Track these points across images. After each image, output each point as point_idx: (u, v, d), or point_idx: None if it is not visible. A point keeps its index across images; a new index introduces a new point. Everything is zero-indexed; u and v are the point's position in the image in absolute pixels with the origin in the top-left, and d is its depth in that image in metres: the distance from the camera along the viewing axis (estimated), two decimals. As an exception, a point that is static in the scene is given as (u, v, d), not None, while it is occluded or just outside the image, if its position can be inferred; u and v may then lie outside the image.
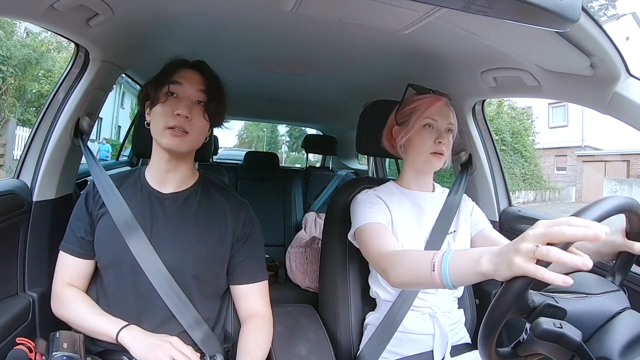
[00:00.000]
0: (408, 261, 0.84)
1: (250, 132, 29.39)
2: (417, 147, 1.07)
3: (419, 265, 0.78)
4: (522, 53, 1.01)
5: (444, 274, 0.71)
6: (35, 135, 1.13)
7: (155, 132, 0.97)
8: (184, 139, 0.95)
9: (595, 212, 0.61)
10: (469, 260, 0.67)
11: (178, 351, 0.89)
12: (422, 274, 0.76)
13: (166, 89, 0.96)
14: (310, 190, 2.67)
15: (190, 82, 0.97)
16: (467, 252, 0.71)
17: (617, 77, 0.90)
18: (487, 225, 1.17)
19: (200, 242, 0.99)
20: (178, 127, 0.94)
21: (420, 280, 0.79)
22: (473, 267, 0.66)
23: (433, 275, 0.73)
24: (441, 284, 0.73)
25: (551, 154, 16.24)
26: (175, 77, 0.97)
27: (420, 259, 0.79)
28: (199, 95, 0.97)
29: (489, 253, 0.64)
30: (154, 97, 0.97)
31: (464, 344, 1.14)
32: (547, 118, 16.78)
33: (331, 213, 1.27)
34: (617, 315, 0.66)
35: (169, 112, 0.94)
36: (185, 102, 0.95)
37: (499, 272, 0.60)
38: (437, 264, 0.73)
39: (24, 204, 1.07)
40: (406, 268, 0.83)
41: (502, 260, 0.60)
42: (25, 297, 1.06)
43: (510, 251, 0.58)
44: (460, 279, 0.71)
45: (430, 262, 0.74)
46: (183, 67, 1.00)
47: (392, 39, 1.09)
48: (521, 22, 0.66)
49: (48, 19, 0.88)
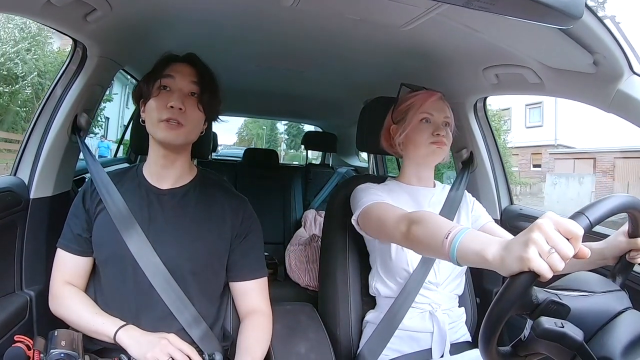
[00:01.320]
0: (431, 220, 0.81)
1: (250, 130, 29.51)
2: (415, 141, 1.07)
3: (438, 228, 0.76)
4: (524, 50, 1.01)
5: (453, 246, 0.70)
6: (32, 132, 1.12)
7: (150, 126, 0.96)
8: (179, 131, 0.94)
9: (599, 211, 0.61)
10: (480, 243, 0.66)
11: (175, 348, 0.89)
12: (436, 237, 0.74)
13: (158, 83, 0.96)
14: (310, 188, 2.66)
15: (182, 74, 0.97)
16: (480, 235, 0.69)
17: (620, 75, 0.90)
18: (489, 220, 1.17)
19: (199, 239, 0.99)
20: (172, 119, 0.93)
21: (432, 243, 0.77)
22: (480, 251, 0.64)
23: (444, 242, 0.72)
24: (447, 255, 0.71)
25: (528, 152, 17.20)
26: (166, 71, 0.97)
27: (441, 223, 0.77)
28: (191, 87, 0.97)
29: (499, 244, 0.62)
30: (147, 92, 0.97)
31: (464, 342, 1.14)
32: (524, 118, 17.70)
33: (331, 210, 1.26)
34: (619, 315, 0.66)
35: (162, 105, 0.94)
36: (177, 94, 0.95)
37: (504, 265, 0.59)
38: (452, 235, 0.71)
39: (21, 201, 1.06)
40: (428, 225, 0.80)
41: (509, 254, 0.58)
42: (22, 295, 1.05)
43: (521, 244, 0.56)
44: (465, 257, 0.69)
45: (447, 230, 0.73)
46: (174, 61, 1.00)
47: (393, 35, 1.08)
48: (523, 18, 0.65)
49: (45, 14, 0.88)
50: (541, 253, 0.54)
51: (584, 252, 0.56)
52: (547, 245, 0.54)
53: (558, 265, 0.54)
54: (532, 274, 0.55)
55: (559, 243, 0.54)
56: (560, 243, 0.54)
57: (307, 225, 2.32)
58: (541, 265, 0.54)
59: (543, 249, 0.54)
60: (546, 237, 0.55)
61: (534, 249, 0.55)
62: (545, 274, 0.54)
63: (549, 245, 0.54)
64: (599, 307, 0.66)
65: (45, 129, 1.11)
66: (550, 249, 0.54)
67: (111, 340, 0.90)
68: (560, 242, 0.54)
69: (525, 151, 16.98)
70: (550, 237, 0.55)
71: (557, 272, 0.54)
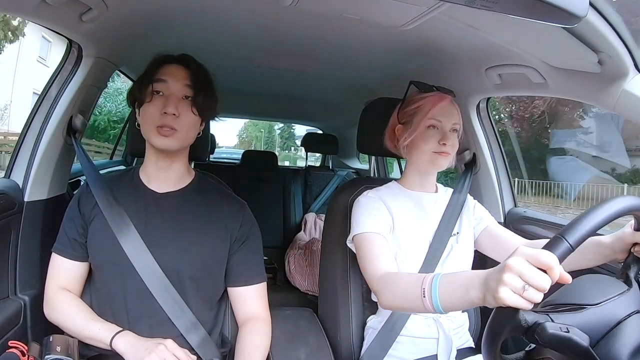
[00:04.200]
0: (399, 286, 0.83)
1: (250, 132, 30.80)
2: (420, 148, 1.04)
3: (410, 290, 0.77)
4: (527, 49, 0.99)
5: (434, 300, 0.71)
6: (26, 134, 1.10)
7: (145, 132, 0.95)
8: (174, 138, 0.93)
9: (604, 213, 0.60)
10: (459, 287, 0.67)
11: (172, 354, 0.87)
12: (413, 299, 0.75)
13: (150, 87, 0.94)
14: (309, 190, 2.64)
15: (175, 77, 0.95)
16: (456, 278, 0.70)
17: (625, 74, 0.88)
18: (491, 221, 1.15)
19: (197, 243, 0.98)
20: (167, 125, 0.92)
21: (412, 306, 0.78)
22: (463, 295, 0.66)
23: (424, 301, 0.73)
24: (433, 310, 0.72)
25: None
26: (159, 74, 0.95)
27: (410, 284, 0.78)
28: (185, 90, 0.95)
29: (478, 280, 0.63)
30: (140, 97, 0.95)
31: (467, 348, 1.12)
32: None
33: (331, 214, 1.25)
34: (623, 321, 0.64)
35: (156, 111, 0.92)
36: (171, 100, 0.93)
37: (487, 300, 0.60)
38: (427, 290, 0.72)
39: (15, 204, 1.04)
40: (397, 293, 0.83)
41: (488, 291, 0.60)
42: (16, 300, 1.04)
43: (495, 281, 0.58)
44: (452, 306, 0.71)
45: (420, 287, 0.73)
46: (167, 63, 0.97)
47: (393, 34, 1.07)
48: (527, 17, 0.64)
49: (40, 14, 0.86)
50: (515, 291, 0.55)
51: (564, 278, 0.56)
52: (520, 282, 0.55)
53: (535, 298, 0.55)
54: (511, 308, 0.57)
55: (532, 278, 0.55)
56: (534, 278, 0.55)
57: (307, 229, 2.31)
58: (517, 301, 0.55)
59: (516, 287, 0.55)
60: (518, 274, 0.55)
61: (505, 289, 0.56)
62: (524, 307, 0.56)
63: (523, 281, 0.55)
64: (595, 320, 0.64)
65: (40, 131, 1.09)
66: (524, 285, 0.55)
67: (107, 347, 0.89)
68: (534, 276, 0.55)
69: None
70: (522, 273, 0.55)
71: (537, 302, 0.55)
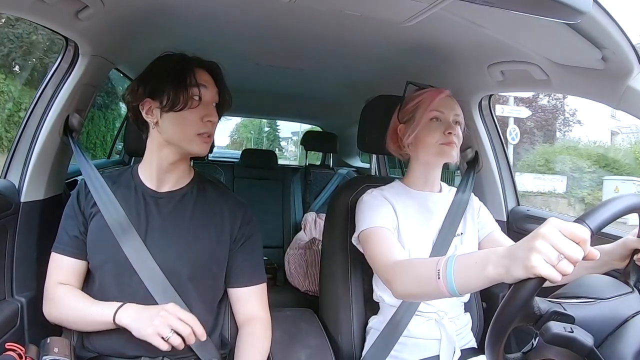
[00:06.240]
0: (413, 271, 0.80)
1: (241, 133, 32.32)
2: (426, 141, 1.03)
3: (424, 274, 0.74)
4: (530, 46, 0.98)
5: (449, 282, 0.68)
6: (23, 133, 1.09)
7: (180, 138, 0.93)
8: (210, 143, 0.96)
9: (607, 212, 0.60)
10: (475, 265, 0.64)
11: (176, 318, 0.84)
12: (427, 283, 0.73)
13: (190, 92, 0.91)
14: (309, 190, 2.63)
15: (210, 84, 0.96)
16: (472, 256, 0.67)
17: (630, 71, 0.87)
18: (495, 228, 1.14)
19: (197, 243, 0.97)
20: (207, 133, 0.94)
21: (426, 290, 0.75)
22: (479, 272, 0.63)
23: (439, 283, 0.70)
24: (448, 293, 0.69)
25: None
26: (198, 79, 0.93)
27: (425, 267, 0.75)
28: (215, 98, 0.97)
29: (496, 255, 0.61)
30: (176, 100, 0.90)
31: (470, 348, 1.12)
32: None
33: (332, 213, 1.24)
34: (630, 320, 0.65)
35: (197, 117, 0.92)
36: (211, 107, 0.95)
37: (510, 274, 0.57)
38: (442, 271, 0.69)
39: (11, 204, 1.03)
40: (411, 278, 0.80)
41: (513, 261, 0.57)
42: (13, 302, 1.02)
43: (525, 250, 0.56)
44: (467, 286, 0.68)
45: (434, 269, 0.71)
46: (199, 67, 0.95)
47: (394, 31, 1.06)
48: (529, 13, 0.64)
49: (35, 11, 0.85)
50: (548, 261, 0.54)
51: (593, 253, 0.55)
52: (554, 252, 0.54)
53: (567, 270, 0.53)
54: (537, 280, 0.55)
55: (567, 248, 0.54)
56: (568, 248, 0.54)
57: (307, 228, 2.30)
58: (550, 271, 0.54)
59: (550, 257, 0.54)
60: (552, 244, 0.54)
61: (539, 257, 0.54)
62: (555, 279, 0.54)
63: (557, 251, 0.54)
64: (606, 313, 0.65)
65: (36, 130, 1.07)
66: (558, 255, 0.54)
67: (112, 326, 0.87)
68: (568, 246, 0.54)
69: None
70: (556, 243, 0.54)
71: (567, 274, 0.54)
